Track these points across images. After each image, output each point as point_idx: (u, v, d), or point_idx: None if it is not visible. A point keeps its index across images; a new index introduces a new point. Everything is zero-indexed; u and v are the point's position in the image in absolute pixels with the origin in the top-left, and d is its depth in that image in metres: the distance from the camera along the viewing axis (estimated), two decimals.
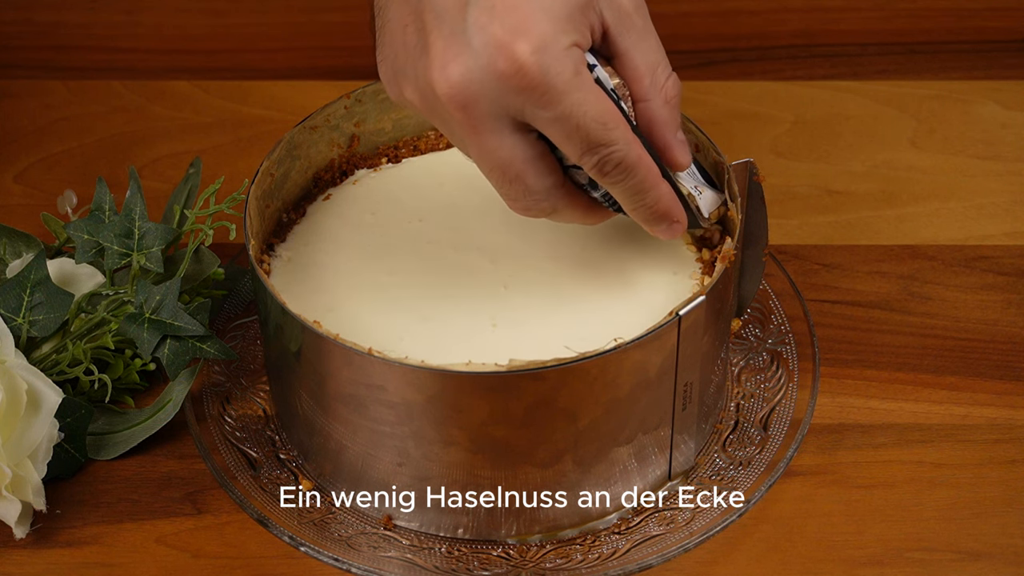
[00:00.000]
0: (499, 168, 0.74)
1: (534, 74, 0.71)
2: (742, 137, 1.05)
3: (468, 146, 0.74)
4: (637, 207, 0.76)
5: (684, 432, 0.81)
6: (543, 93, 0.71)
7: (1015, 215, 0.99)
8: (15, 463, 0.81)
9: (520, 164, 0.74)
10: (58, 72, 1.11)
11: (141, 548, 0.82)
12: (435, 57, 0.72)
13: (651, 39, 0.76)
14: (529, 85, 0.71)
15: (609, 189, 0.75)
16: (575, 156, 0.73)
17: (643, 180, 0.74)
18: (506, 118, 0.73)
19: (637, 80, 0.75)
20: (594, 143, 0.72)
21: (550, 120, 0.72)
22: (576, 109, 0.71)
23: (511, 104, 0.72)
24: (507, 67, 0.71)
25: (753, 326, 0.90)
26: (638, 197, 0.75)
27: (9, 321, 0.85)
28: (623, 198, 0.75)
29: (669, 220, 0.77)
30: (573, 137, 0.72)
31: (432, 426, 0.76)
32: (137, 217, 0.87)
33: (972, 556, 0.81)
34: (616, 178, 0.74)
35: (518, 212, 0.76)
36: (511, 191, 0.75)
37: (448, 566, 0.80)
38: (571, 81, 0.71)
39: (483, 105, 0.72)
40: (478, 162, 0.74)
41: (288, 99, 1.08)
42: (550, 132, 0.72)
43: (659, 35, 0.76)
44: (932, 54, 1.11)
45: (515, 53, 0.70)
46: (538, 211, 0.76)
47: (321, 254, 0.84)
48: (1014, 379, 0.89)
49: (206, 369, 0.88)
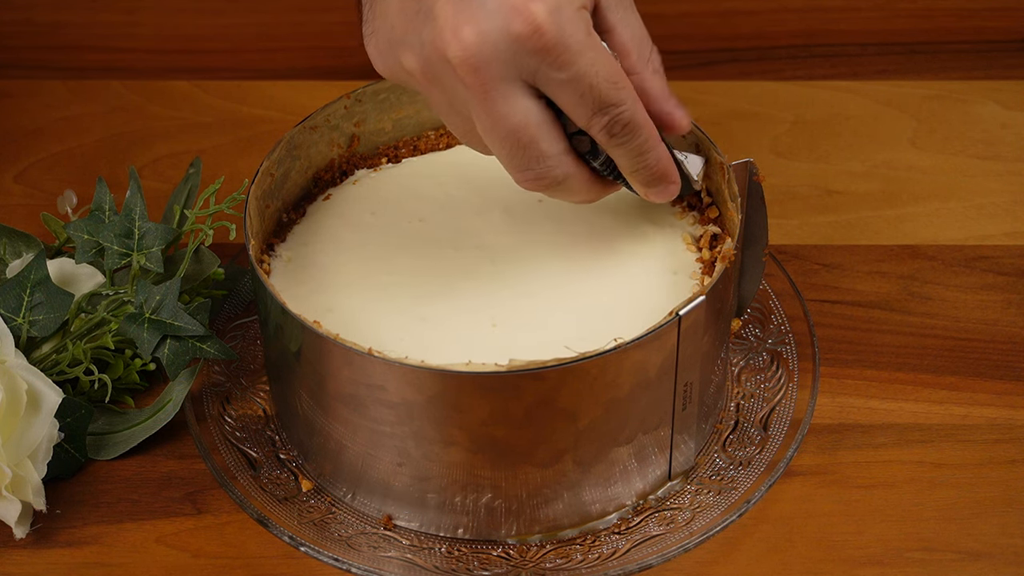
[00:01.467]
0: (512, 134, 0.73)
1: (551, 35, 0.71)
2: (742, 137, 1.05)
3: (477, 114, 0.73)
4: (639, 168, 0.76)
5: (684, 432, 0.81)
6: (560, 54, 0.71)
7: (1015, 215, 0.99)
8: (15, 463, 0.81)
9: (533, 128, 0.74)
10: (58, 72, 1.11)
11: (141, 548, 0.82)
12: (445, 22, 0.71)
13: (635, 13, 0.77)
14: (546, 46, 0.71)
15: (613, 151, 0.75)
16: (584, 118, 0.73)
17: (647, 139, 0.75)
18: (518, 81, 0.73)
19: (626, 54, 0.76)
20: (605, 103, 0.73)
21: (564, 81, 0.72)
22: (590, 68, 0.72)
23: (525, 66, 0.72)
24: (524, 28, 0.71)
25: (753, 326, 0.90)
26: (641, 158, 0.76)
27: (9, 321, 0.85)
28: (626, 159, 0.76)
29: (667, 181, 0.78)
30: (586, 97, 0.73)
31: (432, 426, 0.76)
32: (137, 217, 0.87)
33: (972, 556, 0.81)
34: (623, 138, 0.75)
35: (526, 184, 0.76)
36: (522, 159, 0.74)
37: (448, 566, 0.80)
38: (584, 41, 0.72)
39: (495, 68, 0.72)
40: (487, 131, 0.74)
41: (288, 99, 1.08)
42: (562, 93, 0.73)
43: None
44: (932, 54, 1.11)
45: (532, 14, 0.71)
46: (550, 179, 0.75)
47: (321, 254, 0.84)
48: (1014, 379, 0.89)
49: (206, 369, 0.88)
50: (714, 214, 0.84)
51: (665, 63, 0.78)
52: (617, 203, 0.86)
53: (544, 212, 0.86)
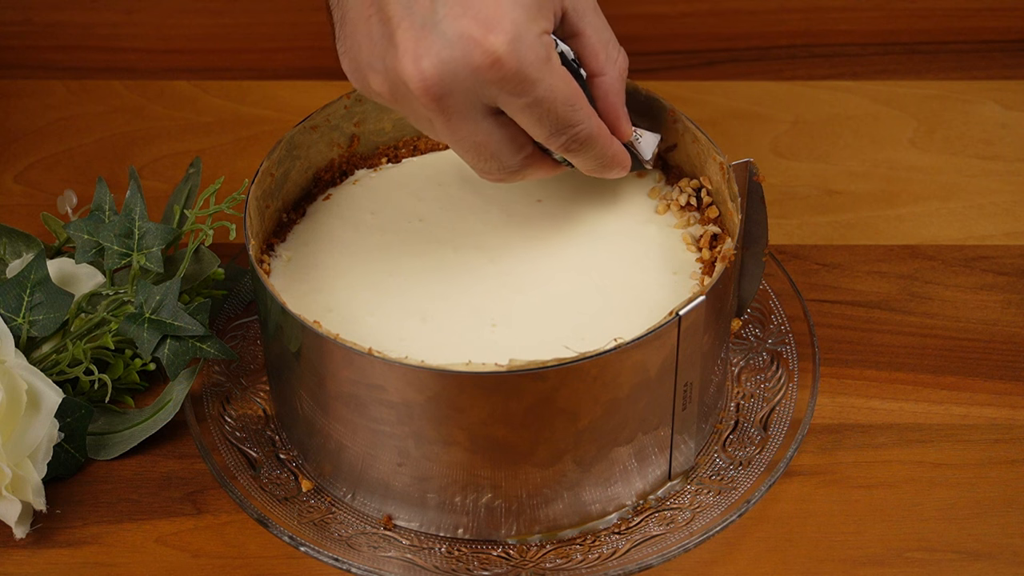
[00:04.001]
0: (474, 149, 0.76)
1: (510, 66, 0.72)
2: (742, 137, 1.05)
3: (440, 133, 0.76)
4: (594, 167, 0.80)
5: (684, 432, 0.81)
6: (519, 83, 0.73)
7: (1015, 215, 0.99)
8: (15, 463, 0.81)
9: (495, 144, 0.76)
10: (58, 72, 1.11)
11: (141, 548, 0.82)
12: (406, 49, 0.73)
13: (601, 18, 0.79)
14: (505, 76, 0.72)
15: (571, 158, 0.78)
16: (543, 137, 0.76)
17: (602, 148, 0.78)
18: (479, 105, 0.74)
19: (594, 56, 0.78)
20: (564, 124, 0.75)
21: (523, 106, 0.74)
22: (548, 94, 0.74)
23: (485, 93, 0.74)
24: (483, 60, 0.72)
25: (753, 326, 0.90)
26: (596, 161, 0.79)
27: (9, 321, 0.85)
28: (583, 163, 0.79)
29: (618, 169, 0.81)
30: (544, 121, 0.75)
31: (432, 426, 0.76)
32: (137, 217, 0.87)
33: (972, 556, 0.81)
34: (581, 151, 0.77)
35: (488, 179, 0.79)
36: (486, 166, 0.77)
37: (448, 566, 0.80)
38: (543, 68, 0.73)
39: (456, 96, 0.73)
40: (452, 144, 0.76)
41: (288, 99, 1.08)
42: (522, 116, 0.75)
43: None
44: (932, 54, 1.11)
45: (491, 45, 0.72)
46: (510, 180, 0.79)
47: (321, 254, 0.84)
48: (1014, 379, 0.89)
49: (206, 369, 0.88)
50: (714, 214, 0.84)
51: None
52: (618, 203, 0.86)
53: (544, 212, 0.86)
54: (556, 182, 0.87)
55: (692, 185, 0.86)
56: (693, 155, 0.86)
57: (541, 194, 0.87)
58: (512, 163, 0.77)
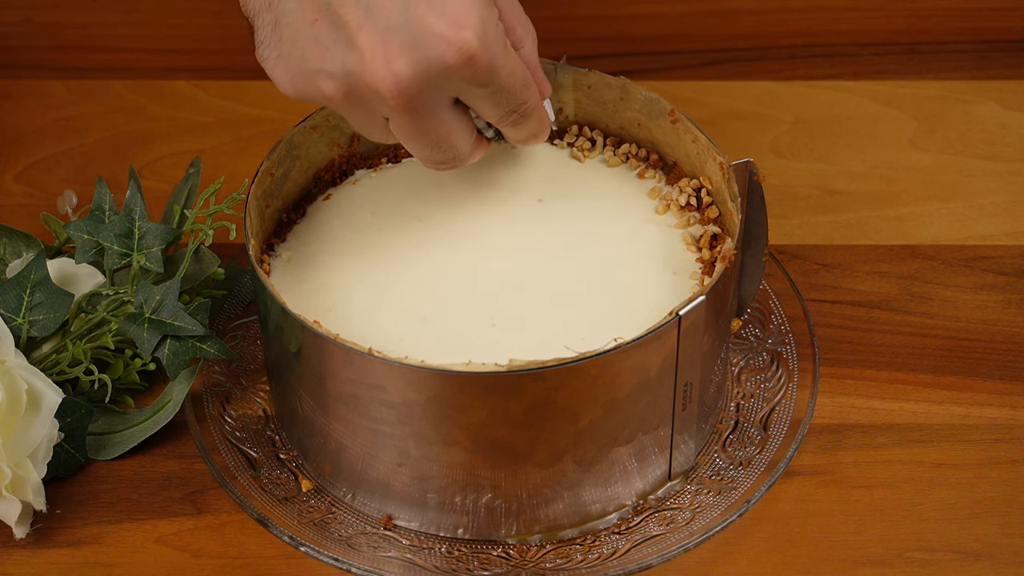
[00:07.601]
0: (435, 143, 0.77)
1: (483, 61, 0.73)
2: (742, 137, 1.05)
3: (400, 128, 0.76)
4: (527, 135, 0.81)
5: (684, 432, 0.81)
6: (487, 73, 0.74)
7: (1015, 215, 0.99)
8: (15, 463, 0.81)
9: (455, 135, 0.77)
10: (58, 72, 1.11)
11: (141, 548, 0.82)
12: (374, 53, 0.72)
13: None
14: (477, 72, 0.73)
15: (509, 130, 0.80)
16: (496, 117, 0.78)
17: (540, 118, 0.81)
18: (445, 100, 0.76)
19: (511, 30, 0.80)
20: (518, 103, 0.77)
21: (487, 94, 0.75)
22: (509, 79, 0.76)
23: (451, 88, 0.75)
24: (457, 59, 0.72)
25: (753, 326, 0.90)
26: (534, 128, 0.81)
27: (9, 321, 0.85)
28: (520, 134, 0.81)
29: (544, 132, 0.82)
30: (502, 103, 0.77)
31: (432, 426, 0.76)
32: (137, 217, 0.87)
33: (972, 556, 0.81)
34: (523, 123, 0.79)
35: (439, 170, 0.80)
36: (443, 156, 0.79)
37: (448, 566, 0.80)
38: (506, 56, 0.75)
39: (427, 95, 0.74)
40: (409, 139, 0.77)
41: (288, 99, 1.08)
42: (482, 103, 0.76)
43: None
44: (932, 54, 1.11)
45: (464, 43, 0.72)
46: (458, 166, 0.80)
47: (321, 254, 0.84)
48: (1014, 379, 0.89)
49: (206, 369, 0.88)
50: (714, 214, 0.84)
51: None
52: (618, 204, 0.86)
53: (544, 212, 0.86)
54: (556, 182, 0.87)
55: (692, 185, 0.86)
56: (693, 155, 0.86)
57: (541, 194, 0.87)
58: (467, 149, 0.79)
